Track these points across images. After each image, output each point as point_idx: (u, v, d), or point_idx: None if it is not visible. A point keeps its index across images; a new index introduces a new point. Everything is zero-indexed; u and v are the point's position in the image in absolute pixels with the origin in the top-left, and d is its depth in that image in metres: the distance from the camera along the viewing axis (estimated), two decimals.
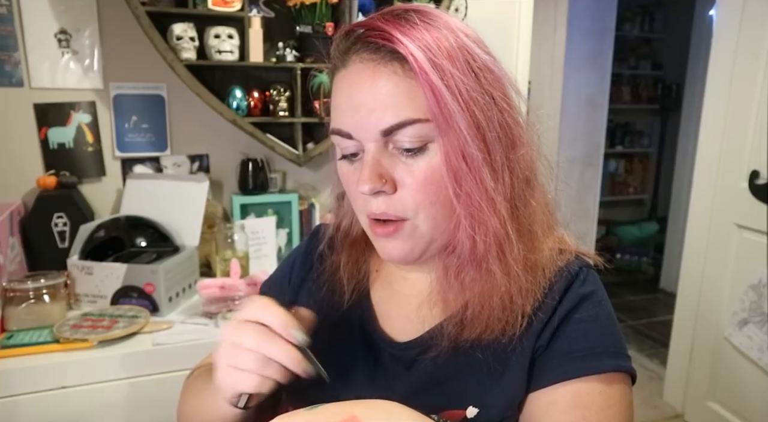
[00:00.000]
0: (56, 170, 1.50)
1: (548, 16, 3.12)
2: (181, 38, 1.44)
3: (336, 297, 0.64)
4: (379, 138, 0.51)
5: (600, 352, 0.52)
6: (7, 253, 1.26)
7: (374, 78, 0.50)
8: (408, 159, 0.51)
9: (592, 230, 3.41)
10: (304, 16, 1.56)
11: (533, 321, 0.54)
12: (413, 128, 0.49)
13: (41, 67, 1.46)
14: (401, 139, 0.50)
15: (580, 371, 0.51)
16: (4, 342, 1.09)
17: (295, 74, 1.55)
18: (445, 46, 0.49)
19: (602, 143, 3.39)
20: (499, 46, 0.55)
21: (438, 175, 0.51)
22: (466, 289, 0.55)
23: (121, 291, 1.24)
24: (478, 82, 0.50)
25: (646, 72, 4.15)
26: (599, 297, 0.56)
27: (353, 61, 0.51)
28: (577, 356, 0.52)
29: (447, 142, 0.49)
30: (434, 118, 0.49)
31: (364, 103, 0.50)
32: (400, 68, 0.49)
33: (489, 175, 0.50)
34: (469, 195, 0.50)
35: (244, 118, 1.52)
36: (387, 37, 0.49)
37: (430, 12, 0.53)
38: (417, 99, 0.49)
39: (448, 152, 0.49)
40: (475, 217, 0.51)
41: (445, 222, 0.53)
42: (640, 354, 2.81)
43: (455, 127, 0.49)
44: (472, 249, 0.52)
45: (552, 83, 3.20)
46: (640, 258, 4.03)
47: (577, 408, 0.50)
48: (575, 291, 0.55)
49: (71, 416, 1.08)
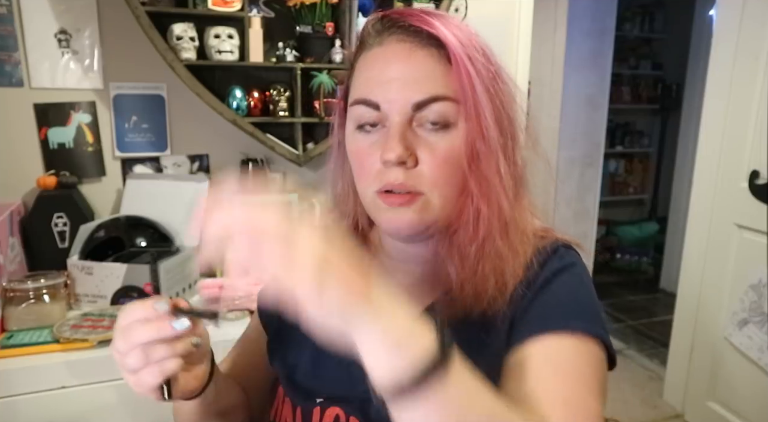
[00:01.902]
0: (56, 170, 1.50)
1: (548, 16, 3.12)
2: (181, 38, 1.44)
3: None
4: (409, 111, 0.54)
5: (574, 314, 0.54)
6: (7, 253, 1.26)
7: (411, 57, 0.54)
8: (431, 137, 0.54)
9: (592, 230, 3.41)
10: (304, 16, 1.56)
11: (515, 293, 0.56)
12: (442, 105, 0.53)
13: (41, 67, 1.46)
14: (428, 115, 0.54)
15: (554, 326, 0.53)
16: (4, 342, 1.09)
17: (295, 74, 1.55)
18: (474, 41, 0.55)
19: (602, 143, 3.39)
20: (499, 46, 0.58)
21: (457, 155, 0.54)
22: (466, 269, 0.57)
23: (121, 291, 1.24)
24: (500, 76, 0.56)
25: (646, 72, 4.15)
26: (578, 271, 0.59)
27: (390, 41, 0.55)
28: (551, 315, 0.54)
29: (471, 125, 0.54)
30: (464, 101, 0.53)
31: (399, 78, 0.54)
32: (437, 52, 0.54)
33: (503, 160, 0.55)
34: (484, 176, 0.54)
35: (244, 118, 1.52)
36: (427, 23, 0.54)
37: (444, 14, 0.58)
38: (448, 81, 0.53)
39: (470, 134, 0.54)
40: (487, 197, 0.55)
41: (454, 202, 0.56)
42: (640, 354, 2.81)
43: (482, 112, 0.53)
44: (476, 229, 0.56)
45: (552, 83, 3.20)
46: (640, 258, 4.03)
47: (548, 363, 0.51)
48: (554, 264, 0.58)
49: (71, 416, 1.08)
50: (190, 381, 0.57)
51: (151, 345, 0.50)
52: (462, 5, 1.82)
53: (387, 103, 0.54)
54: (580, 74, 3.20)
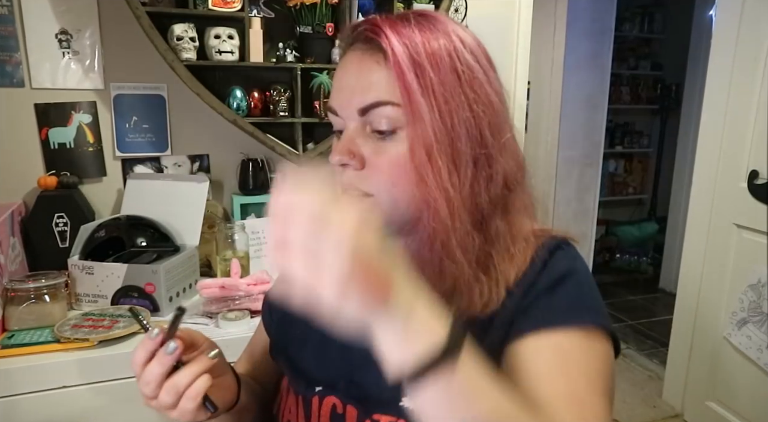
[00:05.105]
0: (57, 170, 1.50)
1: (548, 17, 3.12)
2: (182, 38, 1.44)
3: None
4: (357, 117, 0.56)
5: (583, 309, 0.56)
6: (8, 253, 1.26)
7: (360, 65, 0.56)
8: (379, 141, 0.56)
9: (591, 230, 3.42)
10: (304, 17, 1.57)
11: (512, 295, 0.57)
12: (386, 109, 0.54)
13: (42, 68, 1.46)
14: (375, 120, 0.55)
15: (563, 321, 0.54)
16: (5, 342, 1.09)
17: (295, 74, 1.56)
18: (431, 47, 0.54)
19: (602, 143, 3.40)
20: (498, 46, 0.58)
21: (403, 160, 0.55)
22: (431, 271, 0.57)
23: (122, 291, 1.24)
24: (458, 83, 0.55)
25: (645, 72, 4.16)
26: (582, 270, 0.59)
27: (350, 51, 0.58)
28: (560, 310, 0.55)
29: (412, 131, 0.54)
30: (405, 106, 0.54)
31: (349, 85, 0.57)
32: (384, 60, 0.55)
33: (447, 168, 0.54)
34: (426, 183, 0.54)
35: (244, 118, 1.53)
36: (377, 32, 0.55)
37: (435, 17, 0.58)
38: (393, 87, 0.54)
39: (412, 140, 0.54)
40: (429, 205, 0.54)
41: (405, 204, 0.56)
42: (640, 353, 2.81)
43: (421, 118, 0.53)
44: (425, 234, 0.57)
45: (552, 83, 3.21)
46: (639, 258, 4.03)
47: (559, 358, 0.52)
48: (557, 266, 0.58)
49: (72, 416, 1.08)
50: (224, 394, 0.62)
51: (169, 377, 0.55)
52: (462, 5, 1.83)
53: (341, 109, 0.58)
54: (580, 74, 3.20)
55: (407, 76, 0.53)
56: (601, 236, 4.02)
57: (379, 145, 0.56)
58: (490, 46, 0.60)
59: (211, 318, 1.23)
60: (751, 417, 1.88)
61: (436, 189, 0.54)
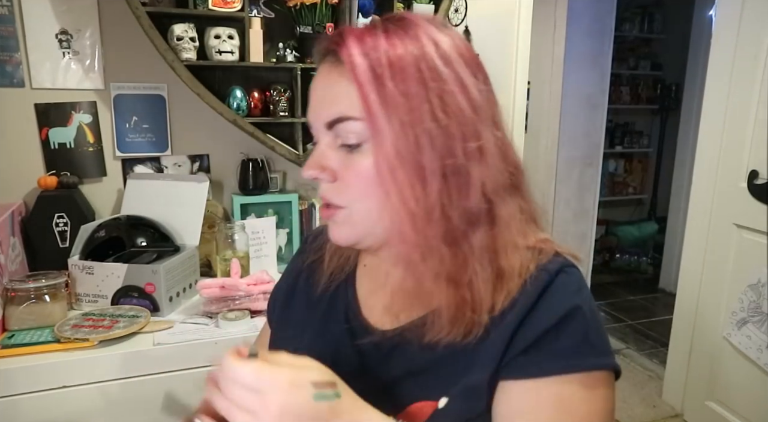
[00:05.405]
0: (57, 170, 1.51)
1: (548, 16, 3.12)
2: (182, 38, 1.44)
3: (323, 287, 0.70)
4: (325, 131, 0.56)
5: (588, 352, 0.53)
6: (8, 253, 1.26)
7: (327, 79, 0.56)
8: (348, 154, 0.55)
9: (591, 230, 3.41)
10: (304, 17, 1.57)
11: (506, 318, 0.54)
12: (350, 124, 0.54)
13: (42, 68, 1.46)
14: (342, 134, 0.55)
15: (567, 368, 0.52)
16: (5, 342, 1.09)
17: (295, 74, 1.56)
18: (396, 55, 0.52)
19: (602, 143, 3.40)
20: (498, 46, 0.57)
21: (369, 173, 0.54)
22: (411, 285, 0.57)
23: (122, 291, 1.24)
24: (424, 92, 0.52)
25: (645, 72, 4.16)
26: (586, 302, 0.56)
27: (321, 64, 0.58)
28: (564, 355, 0.53)
29: (375, 145, 0.53)
30: (365, 119, 0.53)
31: (317, 99, 0.57)
32: (347, 72, 0.53)
33: (410, 182, 0.52)
34: (390, 198, 0.53)
35: (244, 118, 1.53)
36: (339, 44, 0.54)
37: (409, 22, 0.55)
38: (357, 101, 0.53)
39: (376, 154, 0.53)
40: (395, 221, 0.54)
41: (377, 217, 0.56)
42: (640, 353, 2.81)
43: (382, 131, 0.52)
44: (393, 251, 0.56)
45: (551, 83, 3.21)
46: (639, 258, 4.04)
47: (560, 411, 0.52)
48: (561, 299, 0.54)
49: (72, 415, 1.08)
50: None
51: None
52: (462, 5, 1.83)
53: (312, 123, 0.58)
54: (580, 74, 3.20)
55: (366, 89, 0.51)
56: (601, 236, 4.03)
57: (348, 158, 0.55)
58: (490, 46, 0.59)
59: (211, 318, 1.24)
60: (751, 417, 1.88)
61: (399, 204, 0.52)
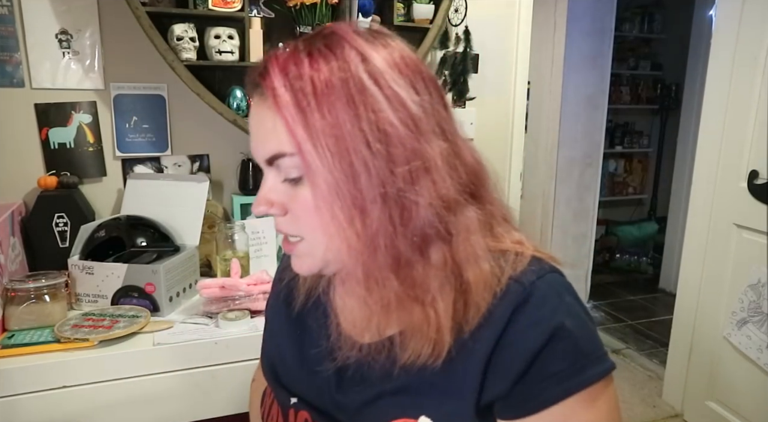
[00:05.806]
0: (57, 170, 1.51)
1: (548, 17, 3.12)
2: (182, 38, 1.44)
3: (300, 303, 0.69)
4: (267, 166, 0.55)
5: (582, 367, 0.51)
6: (8, 253, 1.26)
7: (257, 114, 0.53)
8: (292, 187, 0.54)
9: (591, 230, 3.41)
10: (304, 17, 1.57)
11: (479, 337, 0.52)
12: (287, 160, 0.52)
13: (42, 68, 1.46)
14: (282, 168, 0.53)
15: (567, 391, 0.51)
16: (4, 342, 1.09)
17: None
18: (321, 80, 0.49)
19: (602, 143, 3.40)
20: (498, 46, 0.56)
21: (311, 205, 0.52)
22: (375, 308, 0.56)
23: (122, 291, 1.24)
24: (354, 115, 0.49)
25: (645, 72, 4.16)
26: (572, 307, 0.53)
27: (253, 96, 0.55)
28: (558, 378, 0.51)
29: (308, 178, 0.51)
30: (297, 153, 0.50)
31: (253, 135, 0.55)
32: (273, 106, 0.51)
33: (347, 213, 0.50)
34: (330, 233, 0.52)
35: (244, 118, 1.53)
36: (264, 76, 0.51)
37: (337, 38, 0.52)
38: (287, 135, 0.50)
39: (312, 188, 0.51)
40: (339, 255, 0.53)
41: (334, 247, 0.53)
42: (640, 353, 2.81)
43: (311, 165, 0.49)
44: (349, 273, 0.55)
45: (551, 83, 3.21)
46: (639, 258, 4.04)
47: None
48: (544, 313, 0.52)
49: (72, 415, 1.08)
50: None
51: None
52: (462, 5, 1.82)
53: (255, 159, 0.56)
54: (580, 74, 3.20)
55: (291, 124, 0.49)
56: (601, 236, 4.03)
57: (294, 190, 0.53)
58: (490, 46, 0.58)
59: (211, 318, 1.24)
60: (751, 417, 1.88)
61: (337, 236, 0.51)
